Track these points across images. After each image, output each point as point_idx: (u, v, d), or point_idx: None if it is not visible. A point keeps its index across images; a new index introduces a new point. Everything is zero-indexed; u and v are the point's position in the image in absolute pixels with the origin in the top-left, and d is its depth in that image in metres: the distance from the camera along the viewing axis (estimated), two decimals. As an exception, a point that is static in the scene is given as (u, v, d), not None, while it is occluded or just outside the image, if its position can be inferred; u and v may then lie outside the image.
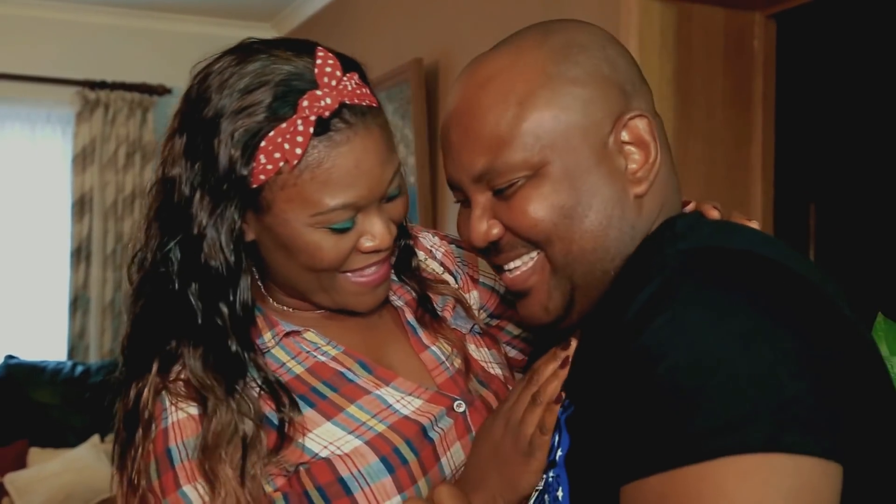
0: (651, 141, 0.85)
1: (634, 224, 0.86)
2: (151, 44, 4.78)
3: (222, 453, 0.93)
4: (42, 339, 4.71)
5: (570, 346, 0.89)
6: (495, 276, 1.22)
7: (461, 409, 1.04)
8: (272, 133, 0.92)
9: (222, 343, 0.97)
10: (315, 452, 0.97)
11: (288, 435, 0.96)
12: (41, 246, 4.73)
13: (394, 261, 1.11)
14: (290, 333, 1.04)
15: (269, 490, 0.95)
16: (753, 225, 0.90)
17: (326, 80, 0.94)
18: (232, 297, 0.97)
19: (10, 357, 4.45)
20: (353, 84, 0.96)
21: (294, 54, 0.97)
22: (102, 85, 4.72)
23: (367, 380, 1.03)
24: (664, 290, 0.72)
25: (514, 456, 0.90)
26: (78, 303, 4.69)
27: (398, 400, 1.02)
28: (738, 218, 0.93)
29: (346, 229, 0.96)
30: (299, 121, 0.92)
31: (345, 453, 0.97)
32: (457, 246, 1.23)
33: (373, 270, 1.01)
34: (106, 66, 4.73)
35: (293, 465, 0.96)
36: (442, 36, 3.31)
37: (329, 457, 0.96)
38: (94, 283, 4.72)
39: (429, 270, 1.18)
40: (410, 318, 1.12)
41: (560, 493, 0.81)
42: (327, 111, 0.93)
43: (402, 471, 0.97)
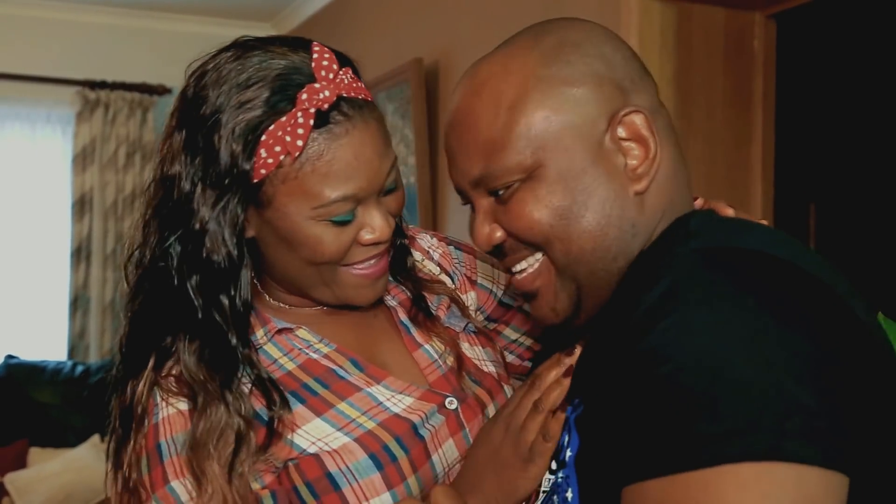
0: (649, 136, 0.84)
1: (636, 222, 0.84)
2: (151, 44, 4.78)
3: (211, 450, 0.93)
4: (42, 338, 4.71)
5: (573, 353, 0.88)
6: (493, 278, 1.22)
7: (453, 407, 1.04)
8: (272, 127, 0.93)
9: (220, 337, 0.97)
10: (303, 448, 0.97)
11: (277, 431, 0.96)
12: (41, 246, 4.73)
13: (389, 259, 1.11)
14: (282, 330, 1.05)
15: (256, 487, 0.95)
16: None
17: (324, 73, 0.95)
18: (233, 292, 0.98)
19: (10, 357, 4.45)
20: (348, 78, 0.97)
21: (290, 50, 0.97)
22: (102, 85, 4.72)
23: (359, 377, 1.03)
24: (673, 291, 0.71)
25: (513, 461, 0.89)
26: (78, 303, 4.69)
27: (389, 398, 1.03)
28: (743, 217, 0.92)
29: (347, 222, 0.97)
30: (299, 113, 0.93)
31: (333, 449, 0.97)
32: (455, 248, 1.24)
33: (373, 263, 1.02)
34: (106, 65, 4.73)
35: (282, 462, 0.97)
36: (442, 36, 3.31)
37: (317, 453, 0.97)
38: (94, 282, 4.72)
39: (425, 271, 1.18)
40: (403, 317, 1.12)
41: (570, 494, 0.80)
42: (326, 104, 0.93)
43: (392, 468, 0.98)
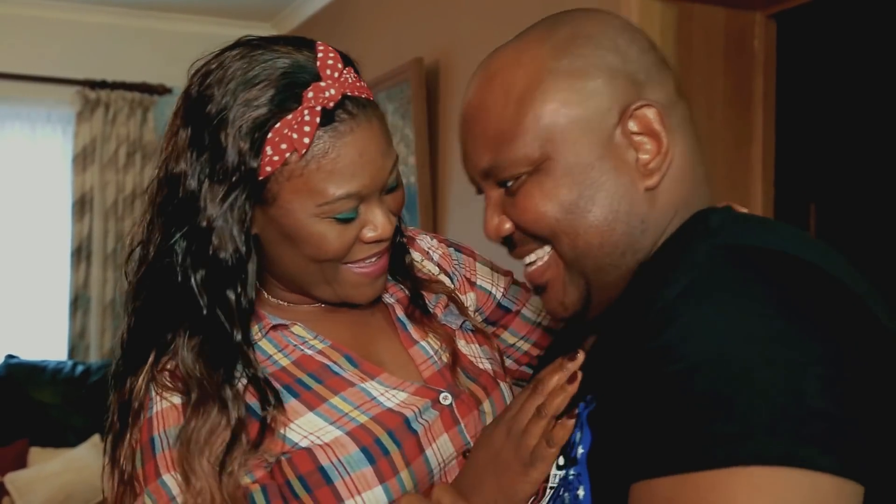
0: (661, 131, 0.83)
1: (645, 218, 0.84)
2: (152, 43, 4.78)
3: (201, 447, 0.94)
4: (42, 338, 4.71)
5: (577, 357, 0.88)
6: (493, 281, 1.23)
7: (447, 402, 1.05)
8: (279, 125, 0.94)
9: (222, 334, 0.98)
10: (295, 442, 0.98)
11: (270, 427, 0.97)
12: (41, 245, 4.73)
13: (389, 258, 1.12)
14: (276, 326, 1.05)
15: (247, 482, 0.96)
16: None
17: (329, 72, 0.96)
18: (239, 289, 0.98)
19: (10, 357, 4.45)
20: (352, 77, 0.98)
21: (294, 49, 0.98)
22: (103, 84, 4.72)
23: (353, 373, 1.04)
24: (692, 288, 0.70)
25: (513, 465, 0.89)
26: (78, 302, 4.69)
27: (382, 393, 1.03)
28: None
29: (350, 219, 0.98)
30: (305, 111, 0.93)
31: (325, 443, 0.98)
32: (455, 249, 1.25)
33: (373, 261, 1.03)
34: (106, 65, 4.73)
35: (275, 456, 0.97)
36: (442, 35, 3.31)
37: (309, 446, 0.97)
38: (94, 282, 4.72)
39: (424, 271, 1.19)
40: (401, 314, 1.13)
41: (581, 491, 0.79)
42: (331, 102, 0.94)
43: (384, 461, 0.98)
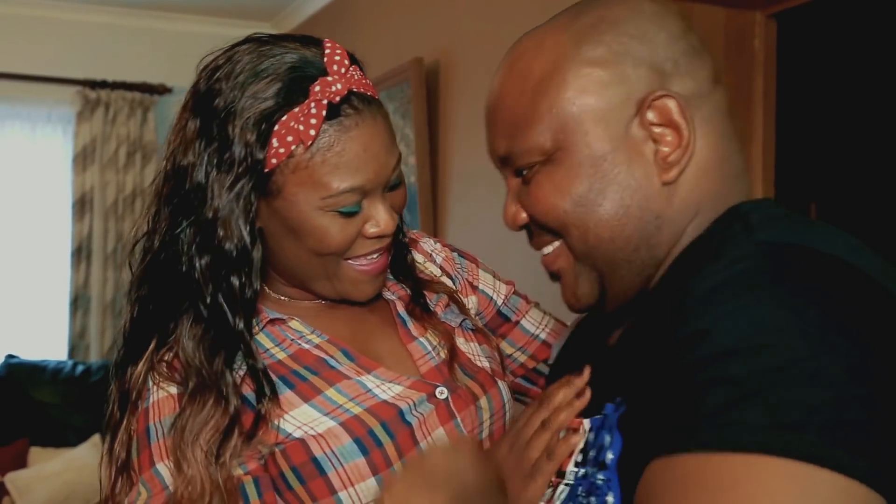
0: (682, 122, 0.79)
1: (661, 214, 0.80)
2: (152, 43, 4.78)
3: (196, 435, 0.95)
4: (43, 338, 4.70)
5: (583, 374, 0.86)
6: (494, 287, 1.24)
7: (443, 396, 1.05)
8: (285, 117, 0.95)
9: (224, 323, 0.99)
10: (289, 433, 0.98)
11: (265, 418, 0.98)
12: (42, 245, 4.73)
13: (390, 259, 1.12)
14: (274, 321, 1.06)
15: (239, 473, 0.97)
16: None
17: (336, 67, 0.97)
18: (244, 279, 0.99)
19: (10, 356, 4.45)
20: (358, 74, 1.00)
21: (302, 45, 1.00)
22: (103, 84, 4.71)
23: (349, 367, 1.05)
24: (731, 281, 0.68)
25: (513, 477, 0.88)
26: (78, 302, 4.69)
27: (378, 385, 1.04)
28: None
29: (353, 213, 0.99)
30: (312, 104, 0.95)
31: (318, 433, 0.98)
32: (458, 255, 1.26)
33: (374, 258, 1.04)
34: (106, 65, 4.73)
35: (268, 448, 0.98)
36: (442, 35, 3.31)
37: (303, 437, 0.98)
38: (94, 282, 4.71)
39: (426, 272, 1.20)
40: (401, 310, 1.14)
41: (610, 497, 0.76)
42: (338, 96, 0.96)
43: (377, 453, 0.99)
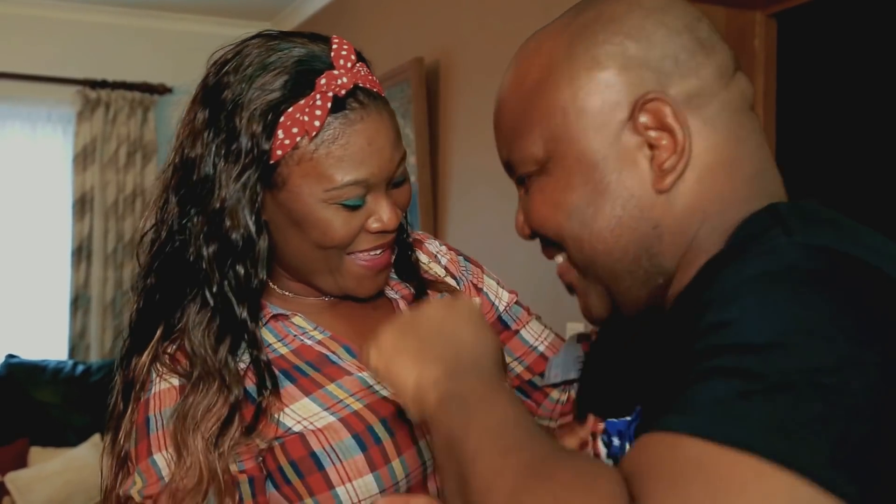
0: (676, 126, 0.73)
1: (660, 223, 0.75)
2: (152, 43, 4.78)
3: (198, 422, 0.95)
4: (43, 338, 4.71)
5: (586, 423, 0.83)
6: (497, 294, 1.24)
7: None
8: (291, 109, 0.96)
9: (230, 311, 0.99)
10: (289, 427, 0.99)
11: (265, 411, 0.98)
12: (42, 245, 4.73)
13: (394, 258, 1.13)
14: (277, 316, 1.07)
15: (235, 470, 0.97)
16: None
17: (342, 62, 0.98)
18: (250, 268, 1.00)
19: (10, 356, 4.45)
20: (364, 71, 1.01)
21: (309, 40, 1.02)
22: (103, 84, 4.72)
23: (351, 363, 1.05)
24: (763, 276, 0.62)
25: None
26: (79, 302, 4.69)
27: (379, 381, 1.03)
28: None
29: (357, 207, 1.00)
30: (317, 96, 0.96)
31: (318, 428, 0.99)
32: (464, 259, 1.26)
33: (377, 254, 1.04)
34: (107, 65, 4.73)
35: (267, 442, 0.98)
36: (443, 35, 3.31)
37: (302, 431, 0.99)
38: (94, 282, 4.72)
39: (431, 273, 1.20)
40: (405, 308, 1.14)
41: None
42: (343, 90, 0.97)
43: (375, 449, 0.99)
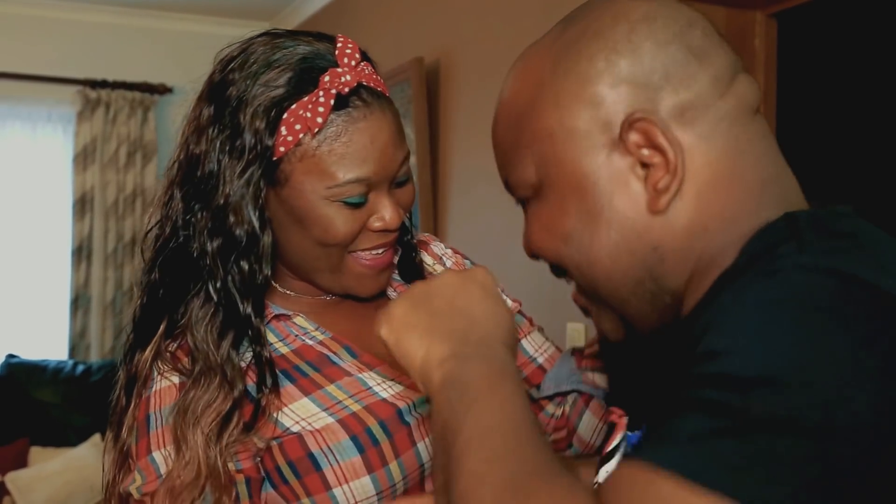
0: (666, 145, 0.70)
1: (659, 244, 0.72)
2: (152, 43, 4.78)
3: (198, 417, 0.96)
4: (43, 338, 4.71)
5: (598, 480, 0.80)
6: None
7: None
8: (294, 106, 0.96)
9: (234, 305, 1.00)
10: (287, 427, 0.99)
11: (264, 410, 0.99)
12: (42, 245, 4.73)
13: (398, 259, 1.14)
14: (279, 316, 1.07)
15: (232, 469, 0.97)
16: None
17: (346, 60, 0.99)
18: (254, 263, 1.00)
19: (11, 356, 4.45)
20: (369, 70, 1.01)
21: (315, 39, 1.02)
22: (103, 84, 4.72)
23: (352, 364, 1.06)
24: (766, 305, 0.58)
25: None
26: (79, 302, 4.69)
27: (379, 383, 1.05)
28: None
29: (359, 205, 1.00)
30: (321, 93, 0.96)
31: (316, 429, 0.99)
32: (471, 263, 1.26)
33: (379, 253, 1.04)
34: (107, 65, 4.73)
35: (265, 441, 0.99)
36: (443, 35, 3.31)
37: (300, 432, 0.99)
38: (95, 282, 4.72)
39: (435, 274, 1.20)
40: None
41: None
42: (347, 87, 0.97)
43: (373, 451, 0.99)
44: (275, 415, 1.00)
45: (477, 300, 0.78)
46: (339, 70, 0.97)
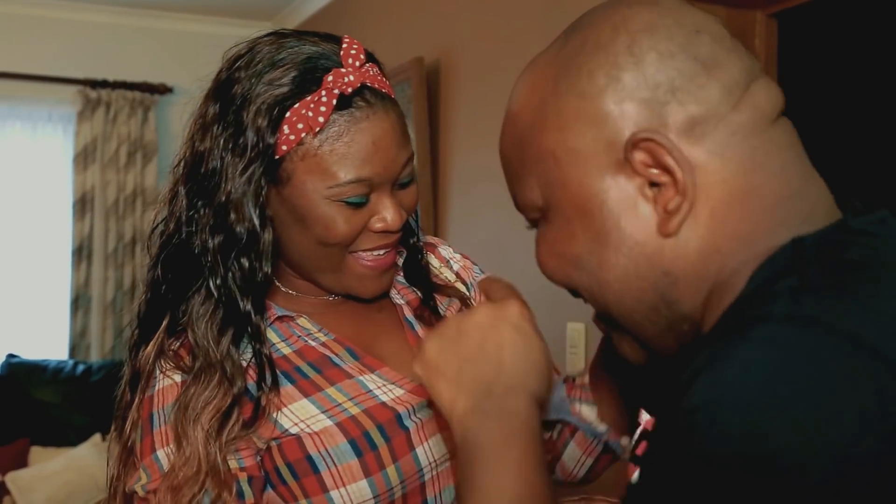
0: (674, 165, 0.66)
1: (670, 269, 0.68)
2: (153, 43, 4.78)
3: (198, 413, 0.96)
4: (43, 337, 4.71)
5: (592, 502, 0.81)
6: None
7: None
8: (297, 105, 0.97)
9: (234, 304, 1.00)
10: (286, 428, 1.00)
11: (263, 409, 0.99)
12: (42, 245, 4.73)
13: (402, 261, 1.14)
14: (282, 317, 1.07)
15: (235, 467, 0.98)
16: None
17: (351, 60, 0.99)
18: (255, 261, 1.00)
19: (11, 356, 4.45)
20: (374, 71, 1.01)
21: (321, 39, 1.03)
22: (104, 84, 4.72)
23: (353, 366, 1.06)
24: (744, 367, 0.56)
25: None
26: (79, 302, 4.69)
27: (379, 386, 1.05)
28: None
29: (360, 205, 1.00)
30: (323, 92, 0.96)
31: (314, 432, 1.00)
32: (479, 269, 1.26)
33: (380, 254, 1.04)
34: (107, 64, 4.73)
35: (265, 442, 0.99)
36: (443, 35, 3.31)
37: (299, 434, 0.99)
38: (95, 282, 4.72)
39: (441, 277, 1.21)
40: (409, 314, 1.14)
41: None
42: (350, 87, 0.97)
43: (371, 455, 0.99)
44: (274, 415, 1.00)
45: (508, 343, 0.76)
46: (343, 70, 0.97)
